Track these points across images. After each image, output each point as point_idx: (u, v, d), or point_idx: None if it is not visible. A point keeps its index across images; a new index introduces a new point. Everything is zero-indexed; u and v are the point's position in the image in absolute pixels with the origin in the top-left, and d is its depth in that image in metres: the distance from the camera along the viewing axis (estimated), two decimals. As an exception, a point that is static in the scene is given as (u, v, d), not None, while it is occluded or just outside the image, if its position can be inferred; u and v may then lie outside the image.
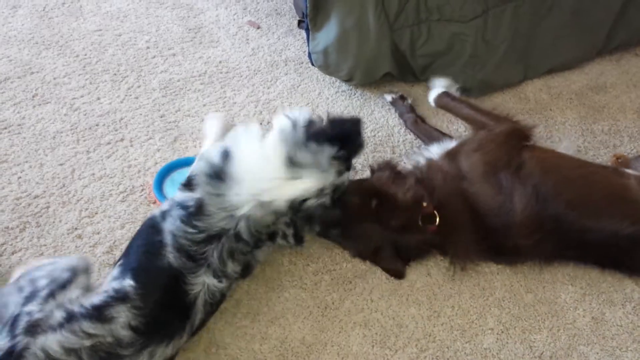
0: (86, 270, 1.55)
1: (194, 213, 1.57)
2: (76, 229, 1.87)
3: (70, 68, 2.41)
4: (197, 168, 1.68)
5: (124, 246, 1.82)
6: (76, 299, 1.45)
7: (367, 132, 2.30)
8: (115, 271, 1.54)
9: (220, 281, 1.58)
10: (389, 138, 2.29)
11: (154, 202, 1.96)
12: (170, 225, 1.57)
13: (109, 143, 2.15)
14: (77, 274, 1.52)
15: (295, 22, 2.67)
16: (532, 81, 2.61)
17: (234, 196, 1.59)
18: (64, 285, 1.47)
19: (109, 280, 1.53)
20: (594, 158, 2.29)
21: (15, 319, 1.41)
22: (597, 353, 1.76)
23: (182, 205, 1.59)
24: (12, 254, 1.80)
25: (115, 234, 1.87)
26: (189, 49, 2.58)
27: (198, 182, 1.62)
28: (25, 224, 1.87)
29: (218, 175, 1.61)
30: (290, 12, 2.80)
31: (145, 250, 1.56)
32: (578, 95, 2.58)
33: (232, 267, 1.61)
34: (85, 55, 2.49)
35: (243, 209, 1.58)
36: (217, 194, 1.59)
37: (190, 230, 1.55)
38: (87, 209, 1.93)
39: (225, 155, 1.65)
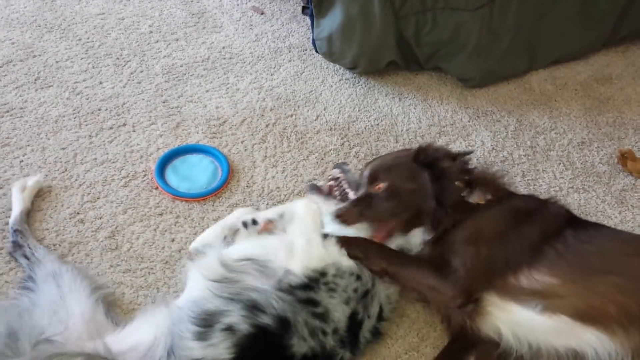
0: None
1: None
2: (78, 213, 1.87)
3: (73, 52, 2.40)
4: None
5: (126, 231, 1.82)
6: None
7: (371, 120, 2.29)
8: None
9: None
10: (392, 127, 2.28)
11: (156, 188, 1.95)
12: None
13: (111, 128, 2.14)
14: None
15: (300, 8, 2.65)
16: (537, 72, 2.60)
17: None
18: None
19: None
20: (598, 150, 2.28)
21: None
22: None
23: None
24: (14, 237, 1.79)
25: (117, 219, 1.86)
26: (192, 34, 2.57)
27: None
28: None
29: None
30: (294, -2, 2.78)
31: None
32: (583, 86, 2.56)
33: None
34: (88, 39, 2.47)
35: None
36: None
37: None
38: (89, 194, 1.93)
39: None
